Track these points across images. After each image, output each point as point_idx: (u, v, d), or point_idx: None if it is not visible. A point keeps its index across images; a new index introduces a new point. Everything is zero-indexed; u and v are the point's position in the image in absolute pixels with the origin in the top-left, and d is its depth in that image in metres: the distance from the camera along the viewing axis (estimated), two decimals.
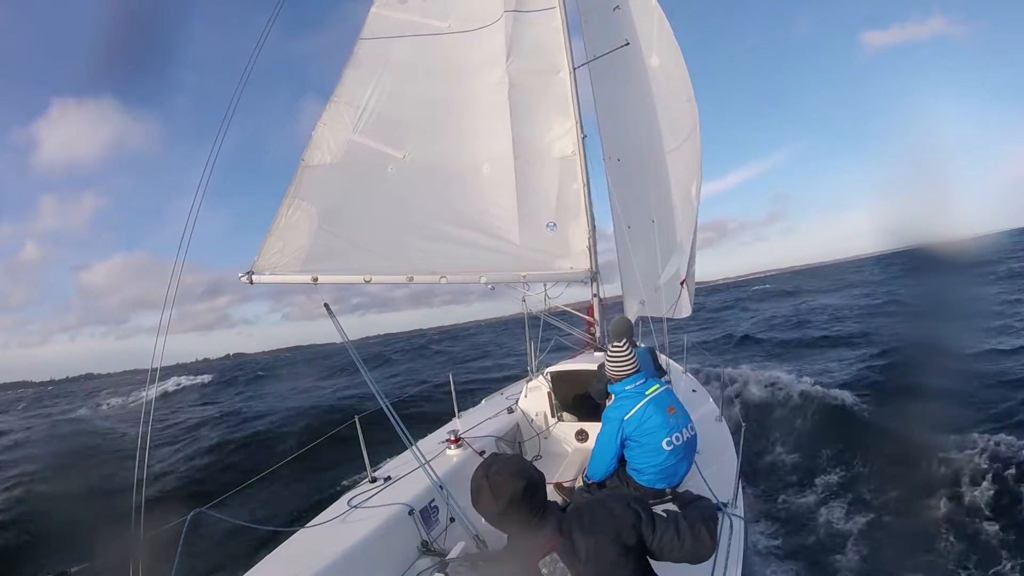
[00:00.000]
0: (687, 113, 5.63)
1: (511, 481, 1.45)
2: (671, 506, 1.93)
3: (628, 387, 2.92)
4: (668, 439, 2.81)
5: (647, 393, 2.88)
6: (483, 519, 1.49)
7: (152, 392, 2.36)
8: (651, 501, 2.46)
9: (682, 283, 5.95)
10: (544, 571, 1.35)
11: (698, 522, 1.55)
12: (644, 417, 2.83)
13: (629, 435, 2.87)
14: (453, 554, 2.69)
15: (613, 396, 2.98)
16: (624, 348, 2.98)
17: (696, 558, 1.54)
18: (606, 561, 1.43)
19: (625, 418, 2.85)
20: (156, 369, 2.43)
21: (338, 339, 3.15)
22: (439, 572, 2.46)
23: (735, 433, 3.90)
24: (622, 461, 3.00)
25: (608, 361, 3.00)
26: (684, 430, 2.89)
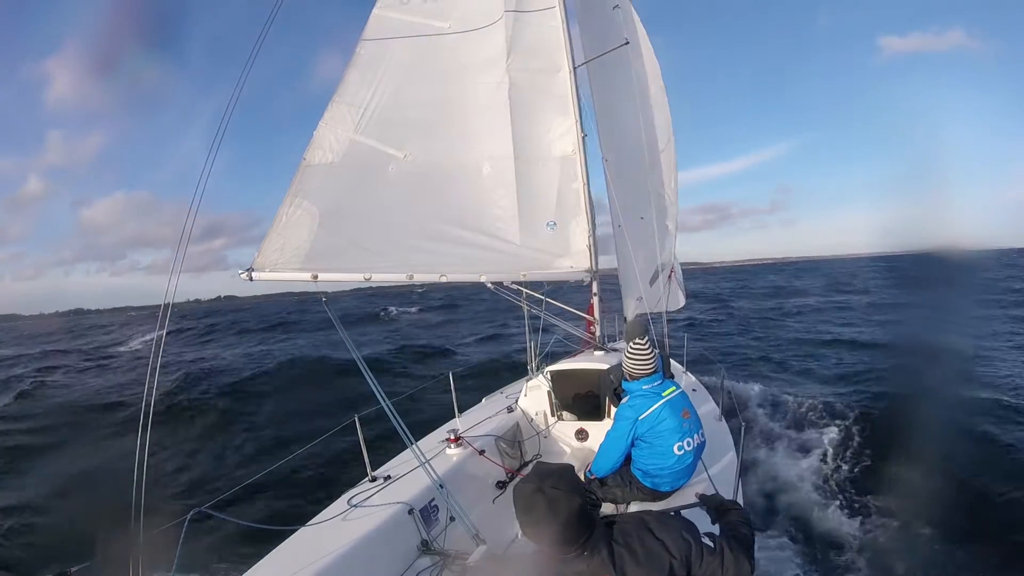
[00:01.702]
0: (667, 115, 6.04)
1: (570, 497, 1.31)
2: (697, 501, 1.92)
3: (644, 387, 2.87)
4: (680, 443, 2.77)
5: (663, 395, 2.84)
6: (521, 534, 1.34)
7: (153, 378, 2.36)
8: (658, 503, 2.45)
9: (670, 276, 6.08)
10: None
11: (739, 549, 1.51)
12: (659, 419, 2.78)
13: (641, 435, 2.83)
14: (472, 560, 2.67)
15: (628, 394, 2.93)
16: (646, 346, 2.94)
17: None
18: None
19: (639, 418, 2.81)
20: (158, 360, 2.43)
21: (328, 288, 3.25)
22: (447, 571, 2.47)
23: (735, 433, 3.90)
24: (627, 460, 2.99)
25: (628, 358, 2.95)
26: (696, 435, 2.86)
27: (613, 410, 3.95)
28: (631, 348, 2.97)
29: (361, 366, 3.18)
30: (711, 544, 1.48)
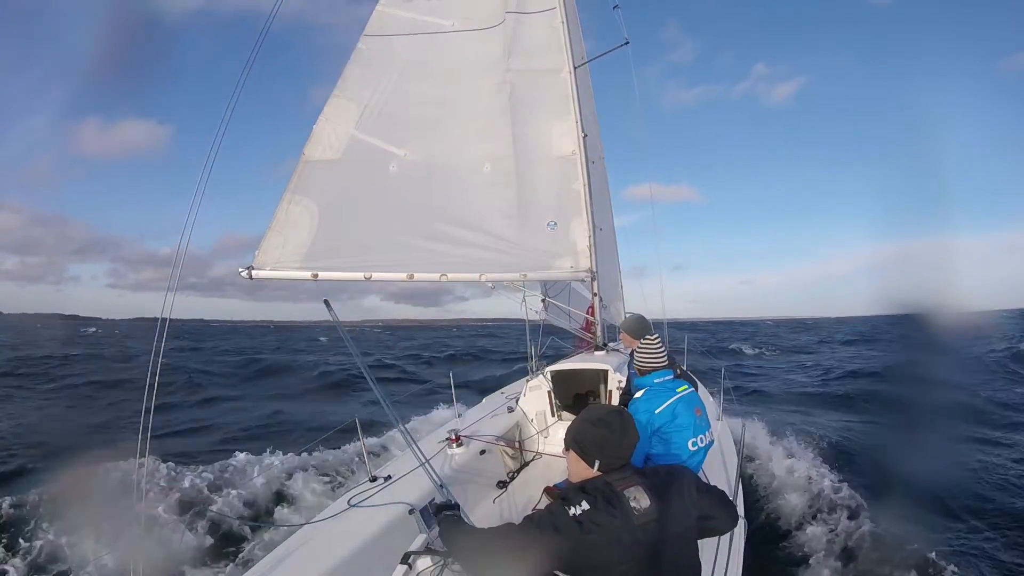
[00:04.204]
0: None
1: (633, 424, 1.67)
2: None
3: (657, 380, 2.84)
4: (694, 439, 2.74)
5: (678, 391, 2.81)
6: (606, 452, 1.56)
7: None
8: None
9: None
10: (631, 499, 1.50)
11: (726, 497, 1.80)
12: (675, 413, 2.74)
13: (657, 430, 2.76)
14: (413, 546, 2.56)
15: (641, 389, 2.88)
16: (656, 340, 2.93)
17: (731, 525, 1.77)
18: (682, 504, 1.59)
19: (656, 411, 2.74)
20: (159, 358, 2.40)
21: (309, 317, 3.21)
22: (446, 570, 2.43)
23: (736, 432, 3.91)
24: None
25: (640, 353, 2.91)
26: (707, 433, 2.83)
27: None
28: (643, 342, 2.94)
29: (362, 367, 3.16)
30: (708, 484, 1.81)
